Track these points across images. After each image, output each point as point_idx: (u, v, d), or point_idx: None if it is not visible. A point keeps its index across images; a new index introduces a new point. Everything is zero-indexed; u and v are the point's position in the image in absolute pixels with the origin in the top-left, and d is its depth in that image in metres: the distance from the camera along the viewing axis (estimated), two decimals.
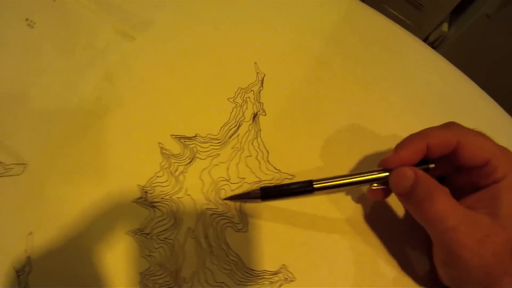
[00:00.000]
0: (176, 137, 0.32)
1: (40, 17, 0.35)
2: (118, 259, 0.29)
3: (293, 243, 0.31)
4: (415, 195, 0.25)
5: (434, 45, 0.97)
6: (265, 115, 0.34)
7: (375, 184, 0.28)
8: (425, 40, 0.97)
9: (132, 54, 0.35)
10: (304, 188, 0.28)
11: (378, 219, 0.32)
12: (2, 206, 0.30)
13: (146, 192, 0.31)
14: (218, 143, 0.33)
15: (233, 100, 0.34)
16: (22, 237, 0.29)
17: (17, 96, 0.33)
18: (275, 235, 0.31)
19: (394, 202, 0.32)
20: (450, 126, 0.26)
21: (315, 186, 0.28)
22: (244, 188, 0.32)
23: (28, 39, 0.34)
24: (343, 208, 0.32)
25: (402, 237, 0.31)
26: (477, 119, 0.34)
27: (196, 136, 0.33)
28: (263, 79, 0.35)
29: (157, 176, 0.31)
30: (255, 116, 0.34)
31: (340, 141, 0.34)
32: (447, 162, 0.27)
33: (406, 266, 0.31)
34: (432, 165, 0.27)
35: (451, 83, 0.37)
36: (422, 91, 0.36)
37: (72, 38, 0.35)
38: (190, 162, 0.32)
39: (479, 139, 0.25)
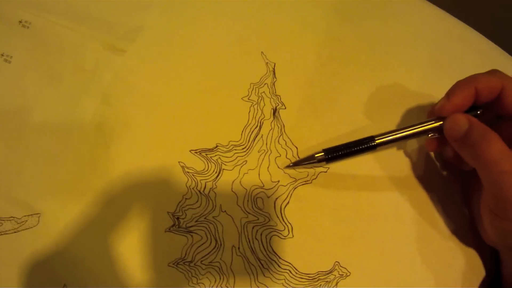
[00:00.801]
0: (196, 152, 0.30)
1: (16, 50, 0.31)
2: None
3: (341, 238, 0.29)
4: (471, 139, 0.25)
5: None
6: (285, 108, 0.31)
7: (431, 134, 0.28)
8: None
9: (126, 69, 0.31)
10: (367, 144, 0.28)
11: (416, 195, 0.31)
12: (27, 262, 0.28)
13: (178, 218, 0.28)
14: (243, 149, 0.30)
15: (248, 99, 0.31)
16: None
17: (11, 140, 0.30)
18: (322, 233, 0.29)
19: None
20: (494, 72, 0.27)
21: (377, 141, 0.28)
22: (281, 191, 0.29)
23: (7, 75, 0.30)
24: (382, 193, 0.31)
25: (446, 203, 0.31)
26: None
27: (217, 146, 0.30)
28: (274, 68, 0.32)
29: (186, 199, 0.29)
30: (275, 111, 0.31)
31: (369, 119, 0.32)
32: (491, 111, 0.28)
33: (458, 233, 0.30)
34: (480, 111, 0.27)
35: (457, 36, 0.35)
36: (434, 50, 0.34)
37: (57, 64, 0.31)
38: (217, 176, 0.29)
39: None
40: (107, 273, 0.28)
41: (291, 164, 0.30)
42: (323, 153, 0.28)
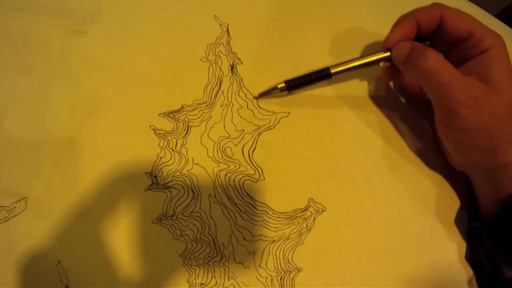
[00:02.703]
0: (164, 115, 0.32)
1: None
2: (154, 251, 0.29)
3: (311, 176, 0.31)
4: (411, 57, 0.27)
5: None
6: (242, 63, 0.33)
7: (382, 63, 0.30)
8: None
9: (90, 49, 0.33)
10: (323, 73, 0.30)
11: (383, 129, 0.32)
12: (22, 245, 0.29)
13: (155, 176, 0.30)
14: (206, 105, 0.32)
15: (206, 59, 0.33)
16: (53, 268, 0.29)
17: None
18: (291, 173, 0.31)
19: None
20: (434, 4, 0.28)
21: (332, 71, 0.30)
22: (247, 139, 0.31)
23: None
24: (346, 131, 0.32)
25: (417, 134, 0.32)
26: None
27: (183, 107, 0.32)
28: (227, 29, 0.34)
29: (160, 158, 0.31)
30: (232, 67, 0.33)
31: (324, 64, 0.33)
32: (440, 42, 0.29)
33: (429, 162, 0.31)
34: (428, 42, 0.29)
35: None
36: None
37: (25, 57, 0.33)
38: (186, 133, 0.31)
39: (460, 13, 0.27)
40: (97, 244, 0.29)
41: (257, 96, 0.32)
42: (284, 84, 0.31)
